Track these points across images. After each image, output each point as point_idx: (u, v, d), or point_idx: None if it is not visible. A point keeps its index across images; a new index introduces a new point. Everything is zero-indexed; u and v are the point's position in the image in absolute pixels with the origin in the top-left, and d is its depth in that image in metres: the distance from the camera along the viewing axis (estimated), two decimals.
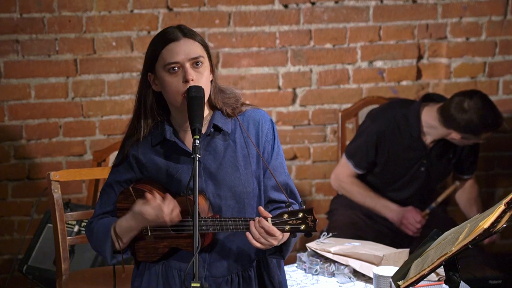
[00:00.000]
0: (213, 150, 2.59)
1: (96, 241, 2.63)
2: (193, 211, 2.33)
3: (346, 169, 3.98)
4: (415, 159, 3.92)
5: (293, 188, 2.67)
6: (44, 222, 4.01)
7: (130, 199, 2.59)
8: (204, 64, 2.57)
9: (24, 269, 3.98)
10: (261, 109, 2.71)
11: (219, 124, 2.60)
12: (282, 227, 2.45)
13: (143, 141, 2.62)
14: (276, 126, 2.70)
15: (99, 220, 2.65)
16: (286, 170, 2.68)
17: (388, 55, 4.42)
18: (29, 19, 4.16)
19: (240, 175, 2.59)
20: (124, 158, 2.64)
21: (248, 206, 2.60)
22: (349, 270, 2.94)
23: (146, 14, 4.23)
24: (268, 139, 2.66)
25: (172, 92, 2.54)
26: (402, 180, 3.97)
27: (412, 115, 3.88)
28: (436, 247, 2.31)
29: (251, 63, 4.33)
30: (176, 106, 2.58)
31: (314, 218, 2.45)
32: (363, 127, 3.98)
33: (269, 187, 2.65)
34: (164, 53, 2.55)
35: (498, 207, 2.14)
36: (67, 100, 4.25)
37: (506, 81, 4.52)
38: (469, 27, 4.44)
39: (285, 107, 4.40)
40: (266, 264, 2.65)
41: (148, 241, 2.60)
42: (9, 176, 4.28)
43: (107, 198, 2.67)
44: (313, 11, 4.34)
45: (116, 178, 2.65)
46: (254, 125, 2.65)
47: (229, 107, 2.64)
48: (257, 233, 2.45)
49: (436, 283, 2.77)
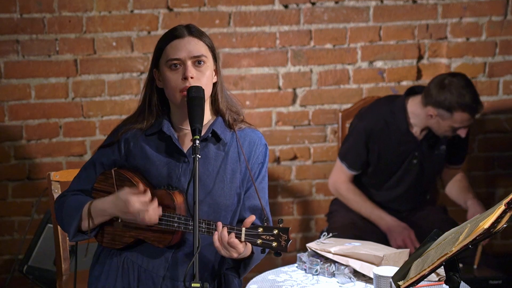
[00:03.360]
0: (205, 156, 2.59)
1: (64, 215, 2.61)
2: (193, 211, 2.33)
3: (341, 173, 3.99)
4: (406, 152, 3.92)
5: (269, 214, 2.65)
6: (44, 222, 4.01)
7: (109, 181, 2.58)
8: (207, 64, 2.57)
9: (25, 269, 3.99)
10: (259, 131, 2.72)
11: (218, 131, 2.60)
12: (254, 240, 2.42)
13: (138, 130, 2.62)
14: (268, 152, 2.71)
15: (72, 195, 2.63)
16: (266, 196, 2.68)
17: (388, 55, 4.42)
18: (29, 19, 4.16)
19: (224, 186, 2.59)
20: (115, 142, 2.64)
21: (223, 218, 2.59)
22: (349, 270, 2.93)
23: (146, 14, 4.23)
24: (259, 161, 2.67)
25: (171, 88, 2.55)
26: (396, 176, 3.96)
27: (398, 109, 3.89)
28: (436, 247, 2.31)
29: (251, 63, 4.34)
30: (174, 103, 2.58)
31: (287, 238, 2.40)
32: (352, 127, 4.00)
33: (246, 207, 2.65)
34: (167, 49, 2.56)
35: (498, 207, 2.14)
36: (67, 100, 4.26)
37: (506, 81, 4.52)
38: (469, 27, 4.45)
39: (285, 107, 4.40)
40: (227, 281, 2.64)
41: (116, 228, 2.58)
42: (9, 176, 4.28)
43: (86, 176, 2.65)
44: (313, 11, 4.34)
45: (100, 159, 2.65)
46: (250, 144, 2.66)
47: (231, 117, 2.64)
48: (217, 241, 2.43)
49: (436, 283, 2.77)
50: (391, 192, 3.99)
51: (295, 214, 4.49)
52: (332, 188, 4.05)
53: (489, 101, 4.52)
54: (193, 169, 2.35)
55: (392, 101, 3.96)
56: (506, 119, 4.54)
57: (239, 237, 2.42)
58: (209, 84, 2.58)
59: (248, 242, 2.43)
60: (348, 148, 3.96)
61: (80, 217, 2.56)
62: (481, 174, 4.58)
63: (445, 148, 3.97)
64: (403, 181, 3.97)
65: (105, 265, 2.63)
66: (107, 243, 2.61)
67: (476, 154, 4.57)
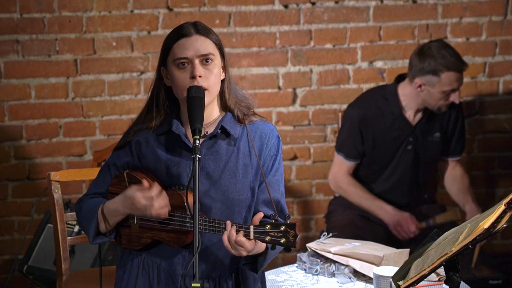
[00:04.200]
0: (215, 152, 2.59)
1: (83, 218, 2.63)
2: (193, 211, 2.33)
3: (340, 166, 3.99)
4: (401, 138, 3.93)
5: (284, 206, 2.66)
6: (44, 222, 4.01)
7: (122, 184, 2.58)
8: (215, 61, 2.57)
9: (25, 269, 3.99)
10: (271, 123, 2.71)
11: (227, 127, 2.60)
12: (263, 238, 2.42)
13: (149, 130, 2.62)
14: (281, 144, 2.70)
15: (89, 198, 2.65)
16: (282, 188, 2.67)
17: (388, 55, 4.42)
18: (29, 19, 4.16)
19: (237, 182, 2.59)
20: (127, 143, 2.64)
21: (237, 214, 2.59)
22: (349, 270, 2.94)
23: (146, 14, 4.23)
24: (271, 153, 2.66)
25: (179, 87, 2.55)
26: (392, 164, 3.96)
27: (390, 94, 3.92)
28: (436, 247, 2.31)
29: (251, 63, 4.34)
30: (183, 102, 2.58)
31: (295, 234, 2.41)
32: (345, 116, 4.01)
33: (261, 201, 2.64)
34: (175, 47, 2.56)
35: (498, 207, 2.14)
36: (67, 100, 4.26)
37: (506, 81, 4.52)
38: (469, 27, 4.45)
39: (285, 107, 4.40)
40: (244, 276, 2.65)
41: (133, 229, 2.59)
42: (9, 176, 4.28)
43: (103, 179, 2.66)
44: (313, 11, 4.34)
45: (114, 161, 2.65)
46: (261, 137, 2.65)
47: (241, 112, 2.64)
48: (227, 241, 2.44)
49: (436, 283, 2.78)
50: (387, 182, 3.99)
51: (295, 214, 4.49)
52: (333, 182, 4.05)
53: (489, 101, 4.52)
54: (193, 170, 2.35)
55: (383, 88, 4.02)
56: (506, 119, 4.54)
57: (248, 235, 2.43)
58: (218, 82, 2.59)
59: (257, 239, 2.44)
60: (343, 139, 3.97)
61: (96, 220, 2.58)
62: (481, 174, 4.58)
63: (439, 135, 3.98)
64: (398, 169, 3.97)
65: (127, 265, 2.65)
66: (126, 244, 2.63)
67: (476, 154, 4.57)
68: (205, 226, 2.47)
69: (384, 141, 3.93)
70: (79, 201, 2.68)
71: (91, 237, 2.61)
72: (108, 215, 2.57)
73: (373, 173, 4.01)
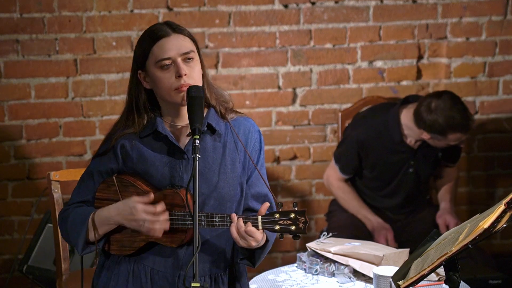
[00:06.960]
0: (202, 149, 2.58)
1: (70, 229, 2.58)
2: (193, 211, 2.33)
3: (334, 172, 4.03)
4: (402, 161, 3.93)
5: (272, 200, 2.66)
6: (44, 222, 4.01)
7: (112, 188, 2.56)
8: (195, 58, 2.57)
9: (24, 269, 3.99)
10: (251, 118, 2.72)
11: (213, 123, 2.60)
12: (272, 227, 2.44)
13: (132, 134, 2.61)
14: (263, 138, 2.72)
15: (75, 208, 2.61)
16: (267, 182, 2.68)
17: (388, 55, 4.42)
18: (29, 19, 4.16)
19: (227, 177, 2.60)
20: (110, 148, 2.61)
21: (229, 210, 2.59)
22: (349, 270, 2.94)
23: (146, 14, 4.23)
24: (256, 148, 2.67)
25: (165, 88, 2.54)
26: (393, 185, 3.97)
27: (392, 119, 3.89)
28: (436, 247, 2.32)
29: (251, 63, 4.34)
30: (169, 102, 2.57)
31: (305, 220, 2.44)
32: (346, 134, 4.03)
33: (250, 196, 2.65)
34: (155, 49, 2.55)
35: (498, 207, 2.15)
36: (67, 100, 4.26)
37: (506, 81, 4.52)
38: (469, 27, 4.45)
39: (285, 107, 4.40)
40: (238, 271, 2.66)
41: (125, 234, 2.56)
42: (9, 176, 4.28)
43: (86, 187, 2.63)
44: (313, 11, 4.34)
45: (98, 168, 2.62)
46: (244, 133, 2.66)
47: (223, 107, 2.65)
48: (235, 232, 2.45)
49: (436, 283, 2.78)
50: (388, 201, 4.01)
51: None
52: (326, 182, 4.11)
53: (489, 101, 4.52)
54: (193, 170, 2.35)
55: (386, 110, 3.95)
56: (506, 119, 4.54)
57: (256, 226, 2.44)
58: (201, 79, 2.59)
59: (266, 229, 2.45)
60: (340, 153, 4.00)
61: (86, 229, 2.55)
62: (481, 174, 4.58)
63: (441, 154, 3.98)
64: (399, 191, 3.98)
65: (113, 271, 2.61)
66: (116, 250, 2.59)
67: (476, 154, 4.57)
68: (207, 222, 2.47)
69: (385, 163, 3.93)
70: (64, 210, 2.62)
71: (80, 248, 2.57)
72: (99, 224, 2.54)
73: (374, 188, 4.02)
